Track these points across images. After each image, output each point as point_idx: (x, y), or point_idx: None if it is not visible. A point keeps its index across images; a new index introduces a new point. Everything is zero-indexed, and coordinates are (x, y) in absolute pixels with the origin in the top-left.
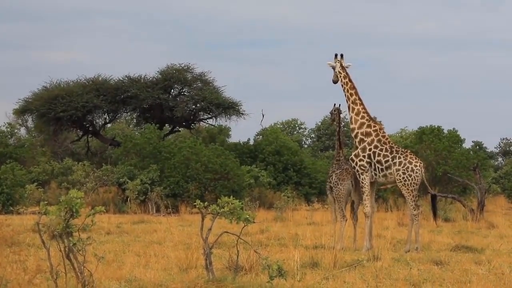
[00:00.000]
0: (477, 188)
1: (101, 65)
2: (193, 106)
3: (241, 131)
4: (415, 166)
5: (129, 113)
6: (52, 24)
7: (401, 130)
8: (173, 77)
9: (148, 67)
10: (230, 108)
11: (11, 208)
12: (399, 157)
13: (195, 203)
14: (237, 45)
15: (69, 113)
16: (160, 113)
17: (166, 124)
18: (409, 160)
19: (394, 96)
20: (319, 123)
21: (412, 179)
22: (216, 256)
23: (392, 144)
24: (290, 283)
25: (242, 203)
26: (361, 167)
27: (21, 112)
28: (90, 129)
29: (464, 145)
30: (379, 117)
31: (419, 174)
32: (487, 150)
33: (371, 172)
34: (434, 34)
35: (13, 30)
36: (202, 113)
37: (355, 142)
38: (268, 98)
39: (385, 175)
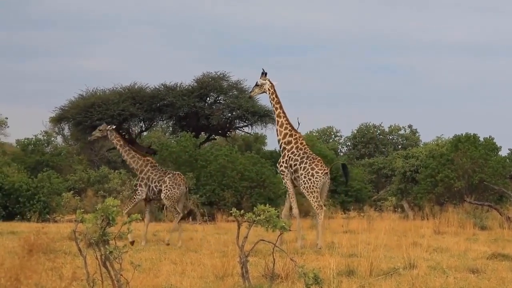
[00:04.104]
0: None
1: (137, 73)
2: (229, 114)
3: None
4: (317, 172)
5: (165, 121)
6: (89, 31)
7: (437, 138)
8: (209, 85)
9: (184, 75)
10: (266, 116)
11: (48, 216)
12: (306, 162)
13: (231, 211)
14: (272, 52)
15: (105, 121)
16: (196, 121)
17: (202, 132)
18: (312, 167)
19: (429, 104)
20: (355, 131)
21: (311, 183)
22: (252, 264)
23: (306, 151)
24: None
25: (278, 211)
26: (281, 172)
27: (57, 120)
28: (126, 137)
29: (500, 153)
30: (415, 125)
31: (319, 180)
32: None
33: (290, 176)
34: (469, 40)
35: (49, 37)
36: (238, 121)
37: (280, 151)
38: (303, 105)
39: (295, 178)
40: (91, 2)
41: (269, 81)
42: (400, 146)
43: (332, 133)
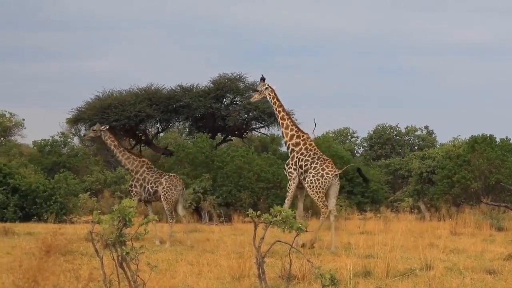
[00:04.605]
0: None
1: (153, 74)
2: (245, 115)
3: None
4: (327, 173)
5: (181, 122)
6: (105, 33)
7: (454, 139)
8: (225, 86)
9: (200, 76)
10: None
11: (65, 217)
12: (317, 163)
13: (247, 212)
14: (289, 53)
15: (122, 122)
16: (212, 122)
17: (219, 133)
18: (323, 167)
19: (445, 105)
20: (371, 132)
21: (319, 183)
22: (268, 265)
23: (316, 151)
24: None
25: (294, 212)
26: (289, 174)
27: (74, 121)
28: (142, 138)
29: None
30: (431, 126)
31: (328, 181)
32: None
33: (299, 177)
34: (485, 41)
35: (65, 39)
36: (254, 122)
37: (288, 153)
38: (320, 106)
39: (304, 178)
40: (103, 4)
41: (269, 86)
42: (416, 147)
43: (348, 134)
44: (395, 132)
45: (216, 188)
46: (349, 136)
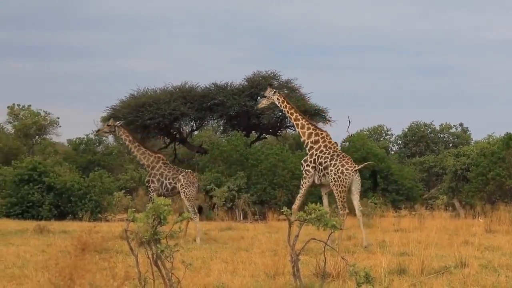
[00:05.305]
0: None
1: (187, 73)
2: (280, 113)
3: None
4: (346, 169)
5: (215, 120)
6: (139, 32)
7: (488, 136)
8: (260, 84)
9: (234, 74)
10: (317, 115)
11: (100, 215)
12: (336, 159)
13: (282, 210)
14: (322, 52)
15: (156, 121)
16: (246, 120)
17: (253, 131)
18: (342, 164)
19: (480, 102)
20: (406, 130)
21: (341, 181)
22: (303, 262)
23: (336, 149)
24: None
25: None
26: (306, 171)
27: (108, 119)
28: (177, 136)
29: None
30: (466, 123)
31: (349, 177)
32: None
33: (316, 175)
34: None
35: (100, 38)
36: (288, 120)
37: (307, 151)
38: (354, 104)
39: (324, 175)
40: (138, 4)
41: (276, 92)
42: (451, 145)
43: (383, 131)
44: (430, 130)
45: (250, 186)
46: (384, 134)
